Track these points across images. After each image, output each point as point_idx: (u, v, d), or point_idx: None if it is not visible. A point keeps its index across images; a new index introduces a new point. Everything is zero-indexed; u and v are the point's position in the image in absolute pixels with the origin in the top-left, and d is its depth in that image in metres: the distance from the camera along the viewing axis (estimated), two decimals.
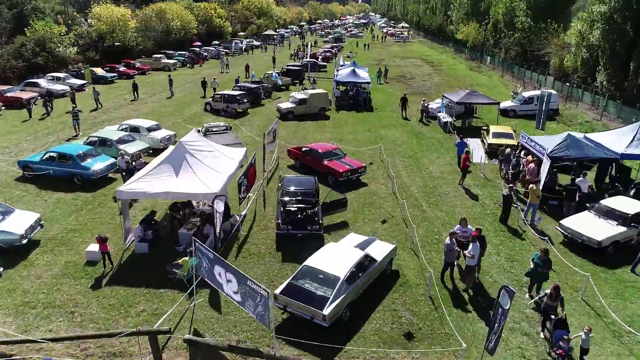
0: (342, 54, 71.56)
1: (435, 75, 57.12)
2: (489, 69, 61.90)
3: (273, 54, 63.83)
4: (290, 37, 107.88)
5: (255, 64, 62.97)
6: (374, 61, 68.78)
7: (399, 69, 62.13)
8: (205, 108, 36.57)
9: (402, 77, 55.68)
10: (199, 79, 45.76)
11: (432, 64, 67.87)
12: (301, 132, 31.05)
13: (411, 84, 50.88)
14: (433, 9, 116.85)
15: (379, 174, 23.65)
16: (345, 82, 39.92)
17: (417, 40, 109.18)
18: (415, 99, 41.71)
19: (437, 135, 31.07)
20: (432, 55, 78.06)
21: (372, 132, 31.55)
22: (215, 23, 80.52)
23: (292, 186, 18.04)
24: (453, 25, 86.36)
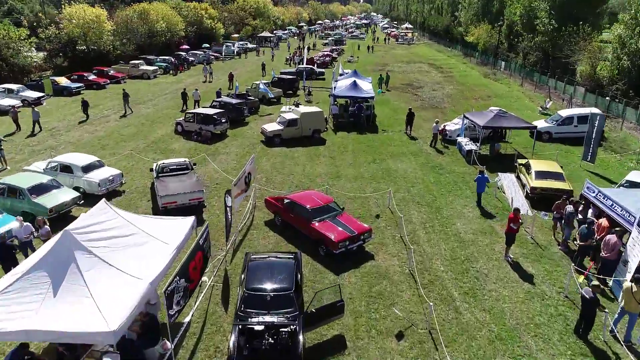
0: (341, 60, 64.97)
1: (446, 83, 50.60)
2: (506, 76, 55.29)
3: (264, 62, 57.12)
4: (288, 39, 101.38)
5: (245, 70, 56.56)
6: (376, 66, 62.28)
7: (405, 75, 55.62)
8: (175, 129, 30.17)
9: (409, 85, 49.17)
10: (181, 88, 39.38)
11: (441, 69, 61.32)
12: (288, 165, 24.59)
13: (420, 94, 44.35)
14: (438, 9, 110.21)
15: (389, 236, 17.20)
16: (345, 96, 33.48)
17: (422, 42, 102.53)
18: (425, 115, 35.23)
19: (458, 168, 24.57)
20: (440, 60, 71.49)
21: (377, 163, 25.07)
22: (206, 24, 74.11)
23: (258, 280, 11.67)
24: (462, 26, 79.79)
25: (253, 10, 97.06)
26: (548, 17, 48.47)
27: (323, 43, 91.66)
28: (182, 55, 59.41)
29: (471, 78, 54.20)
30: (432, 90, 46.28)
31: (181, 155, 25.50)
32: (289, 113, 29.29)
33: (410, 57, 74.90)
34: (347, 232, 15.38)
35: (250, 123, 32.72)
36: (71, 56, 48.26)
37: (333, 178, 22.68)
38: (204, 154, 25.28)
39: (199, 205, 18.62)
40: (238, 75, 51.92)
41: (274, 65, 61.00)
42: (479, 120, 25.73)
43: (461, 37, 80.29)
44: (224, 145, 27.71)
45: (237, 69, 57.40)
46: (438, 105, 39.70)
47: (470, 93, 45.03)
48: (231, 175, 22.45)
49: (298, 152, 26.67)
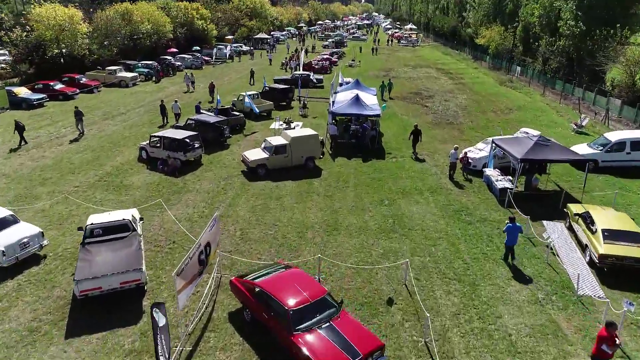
0: (341, 68, 59.45)
1: (459, 92, 45.05)
2: (524, 83, 49.62)
3: (253, 69, 51.52)
4: (287, 41, 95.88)
5: (235, 77, 51.01)
6: (380, 71, 56.77)
7: (412, 82, 50.07)
8: (139, 156, 24.72)
9: (417, 94, 43.64)
10: (162, 99, 34.10)
11: (451, 75, 55.76)
12: (272, 208, 19.09)
13: (430, 106, 38.81)
14: (444, 9, 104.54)
15: (408, 342, 11.70)
16: (345, 114, 27.94)
17: (427, 44, 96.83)
18: (440, 134, 29.76)
19: (490, 213, 19.05)
20: (448, 64, 65.86)
21: (386, 205, 19.58)
22: (197, 26, 68.57)
23: None
24: (471, 28, 74.17)
25: (249, 10, 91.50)
26: (574, 18, 42.87)
27: (323, 45, 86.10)
28: (167, 60, 53.89)
29: (485, 86, 48.59)
30: (444, 101, 40.73)
31: (138, 194, 20.04)
32: (277, 137, 23.75)
33: (416, 60, 69.30)
34: (350, 355, 9.87)
35: (232, 145, 27.23)
36: (39, 62, 42.73)
37: (329, 231, 17.19)
38: (162, 199, 19.70)
39: (137, 290, 13.11)
40: (226, 84, 46.60)
41: (269, 70, 55.59)
42: (514, 151, 20.17)
43: (470, 39, 74.69)
44: (194, 178, 22.22)
45: (226, 75, 51.99)
46: (452, 120, 34.16)
47: (487, 104, 39.47)
48: (196, 227, 16.98)
49: (286, 188, 21.18)
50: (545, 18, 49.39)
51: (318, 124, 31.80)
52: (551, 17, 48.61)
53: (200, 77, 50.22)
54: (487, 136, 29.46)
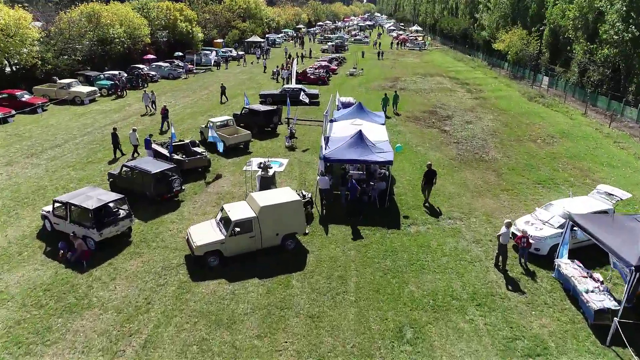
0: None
1: (482, 109, 37.02)
2: (557, 99, 41.29)
3: (224, 84, 43.43)
4: (283, 44, 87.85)
5: (215, 91, 42.80)
6: (386, 81, 48.74)
7: (424, 96, 42.01)
8: (43, 226, 16.80)
9: (432, 113, 35.63)
10: (118, 123, 26.31)
11: (468, 86, 47.66)
12: (216, 354, 11.13)
13: (450, 130, 30.78)
14: (452, 10, 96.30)
15: None
16: (343, 160, 19.64)
17: (435, 47, 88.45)
18: (471, 178, 21.67)
19: (585, 357, 11.08)
20: (462, 72, 57.70)
21: (409, 340, 11.56)
22: (181, 28, 60.55)
23: None
24: (485, 30, 65.99)
25: (242, 11, 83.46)
26: (622, 21, 34.76)
27: (322, 49, 77.99)
28: (138, 69, 45.84)
29: (512, 102, 40.40)
30: (466, 123, 32.72)
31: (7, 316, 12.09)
32: (239, 206, 15.69)
33: (425, 67, 61.15)
34: None
35: (185, 202, 19.25)
36: None
37: None
38: (32, 333, 11.73)
39: None
40: (202, 100, 38.45)
41: (257, 81, 47.58)
42: (617, 244, 12.02)
43: (485, 43, 66.52)
44: (109, 272, 14.27)
45: (206, 88, 43.93)
46: (482, 153, 26.14)
47: (521, 128, 31.41)
48: None
49: (248, 296, 13.17)
50: (581, 20, 41.32)
51: (309, 162, 23.88)
52: (589, 20, 40.55)
53: (173, 91, 42.25)
54: (537, 183, 21.61)
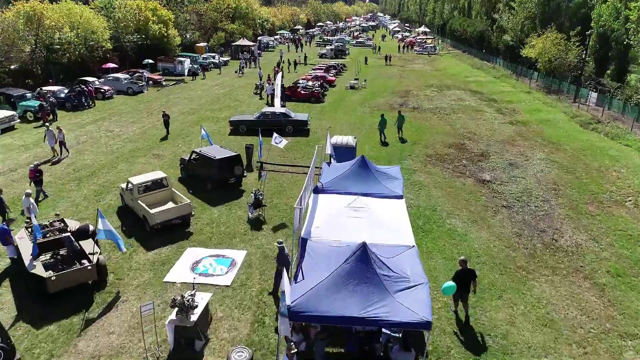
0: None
1: (524, 141, 27.42)
2: (620, 126, 31.29)
3: (167, 112, 33.75)
4: (278, 47, 78.25)
5: (179, 111, 33.25)
6: (394, 97, 39.13)
7: (444, 119, 32.39)
8: None
9: (460, 148, 26.06)
10: (18, 172, 17.43)
11: (496, 104, 37.98)
12: None
13: (491, 182, 21.16)
14: (463, 9, 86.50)
15: None
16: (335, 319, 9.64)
17: (447, 52, 78.44)
18: (547, 297, 11.76)
19: None
20: (484, 83, 47.92)
21: None
22: (153, 31, 51.02)
23: None
24: (508, 34, 56.22)
25: (231, 11, 73.89)
26: None
27: (319, 53, 68.31)
28: (83, 83, 36.24)
29: (561, 129, 30.61)
30: (510, 166, 23.18)
31: None
32: None
33: (439, 77, 51.43)
34: None
35: None
36: None
37: None
38: None
39: None
40: (154, 130, 28.59)
41: (237, 97, 38.01)
42: None
43: (507, 49, 56.77)
44: None
45: (168, 109, 34.37)
46: (552, 232, 16.55)
47: (592, 179, 21.76)
48: None
49: None
50: None
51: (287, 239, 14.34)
52: None
53: (123, 113, 32.67)
54: None
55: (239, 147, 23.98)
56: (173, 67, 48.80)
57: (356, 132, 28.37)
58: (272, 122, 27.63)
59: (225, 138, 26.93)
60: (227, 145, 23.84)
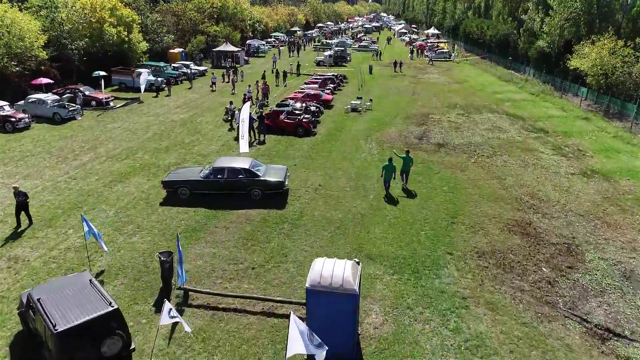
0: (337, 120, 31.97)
1: (620, 214, 17.27)
2: None
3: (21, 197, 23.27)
4: (271, 51, 68.03)
5: (102, 162, 22.90)
6: (409, 124, 28.83)
7: (486, 168, 22.14)
8: None
9: (526, 229, 15.96)
10: None
11: (547, 136, 27.67)
12: None
13: (621, 338, 11.09)
14: (479, 9, 76.12)
15: None
16: None
17: (464, 59, 67.64)
18: None
19: None
20: (520, 103, 37.50)
21: None
22: (110, 36, 40.73)
23: None
24: (543, 38, 45.86)
25: (216, 11, 63.62)
26: None
27: (316, 61, 57.98)
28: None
29: None
30: (624, 278, 13.03)
31: None
32: None
33: (463, 93, 41.06)
34: None
35: None
36: None
37: None
38: None
39: None
40: (67, 190, 18.39)
41: (200, 128, 27.67)
42: None
43: (543, 57, 46.43)
44: None
45: (101, 145, 24.03)
46: None
47: None
48: None
49: None
50: None
51: None
52: None
53: (29, 156, 22.40)
54: None
55: (145, 254, 13.98)
56: (131, 81, 38.64)
57: (360, 195, 18.27)
58: (230, 183, 17.55)
59: (154, 212, 16.81)
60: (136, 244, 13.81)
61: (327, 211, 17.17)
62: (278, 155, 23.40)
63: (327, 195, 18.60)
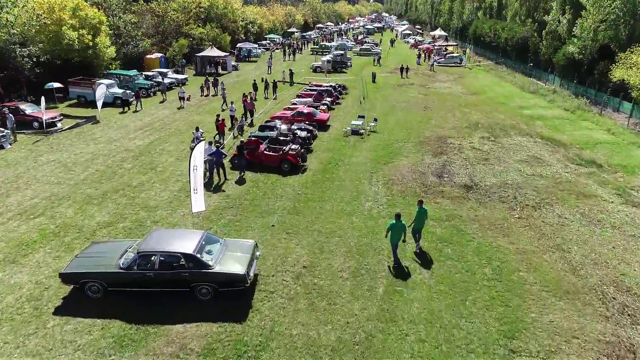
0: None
1: None
2: None
3: None
4: (265, 54, 61.80)
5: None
6: (423, 151, 22.49)
7: (536, 228, 15.84)
8: None
9: None
10: None
11: (605, 175, 21.39)
12: None
13: None
14: (491, 10, 69.73)
15: None
16: None
17: (476, 64, 61.13)
18: None
19: None
20: (557, 122, 31.01)
21: None
22: (69, 40, 34.44)
23: None
24: (574, 44, 39.48)
25: (203, 11, 57.32)
26: None
27: (313, 67, 51.59)
28: None
29: None
30: None
31: None
32: None
33: (482, 107, 34.70)
34: None
35: None
36: None
37: None
38: None
39: None
40: None
41: (154, 162, 21.30)
42: None
43: (572, 64, 40.08)
44: None
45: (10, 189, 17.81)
46: None
47: None
48: None
49: None
50: None
51: None
52: None
53: None
54: None
55: None
56: (92, 94, 32.38)
57: (364, 285, 12.04)
58: (164, 278, 11.32)
59: (41, 327, 10.56)
60: None
61: (313, 326, 10.93)
62: (252, 207, 17.15)
63: (315, 288, 12.36)
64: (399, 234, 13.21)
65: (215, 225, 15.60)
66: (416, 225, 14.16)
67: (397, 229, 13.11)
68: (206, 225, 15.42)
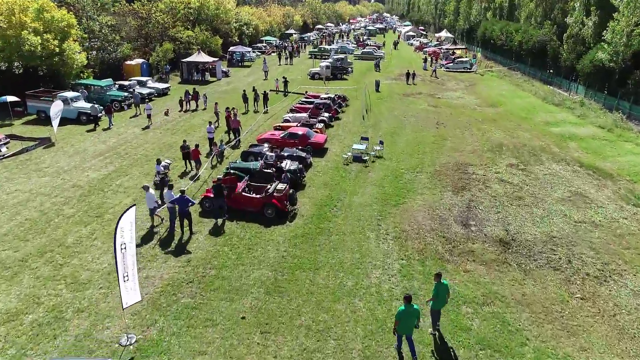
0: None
1: None
2: None
3: None
4: (260, 58, 57.08)
5: None
6: (439, 186, 17.91)
7: (609, 320, 11.37)
8: None
9: None
10: None
11: None
12: None
13: None
14: (501, 10, 65.01)
15: None
16: None
17: (488, 69, 56.25)
18: None
19: None
20: (596, 144, 26.41)
21: None
22: (31, 46, 29.87)
23: None
24: (605, 49, 34.77)
25: (193, 12, 52.66)
26: None
27: (311, 73, 46.77)
28: None
29: None
30: None
31: None
32: None
33: (502, 122, 30.04)
34: None
35: None
36: None
37: None
38: None
39: None
40: None
41: (100, 209, 16.59)
42: None
43: (602, 72, 35.38)
44: None
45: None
46: None
47: None
48: None
49: None
50: None
51: None
52: None
53: None
54: None
55: None
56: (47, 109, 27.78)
57: None
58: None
59: None
60: None
61: None
62: (218, 280, 12.58)
63: None
64: (412, 321, 9.30)
65: (161, 318, 11.00)
66: (435, 305, 10.10)
67: (409, 316, 9.20)
68: (149, 317, 10.84)
